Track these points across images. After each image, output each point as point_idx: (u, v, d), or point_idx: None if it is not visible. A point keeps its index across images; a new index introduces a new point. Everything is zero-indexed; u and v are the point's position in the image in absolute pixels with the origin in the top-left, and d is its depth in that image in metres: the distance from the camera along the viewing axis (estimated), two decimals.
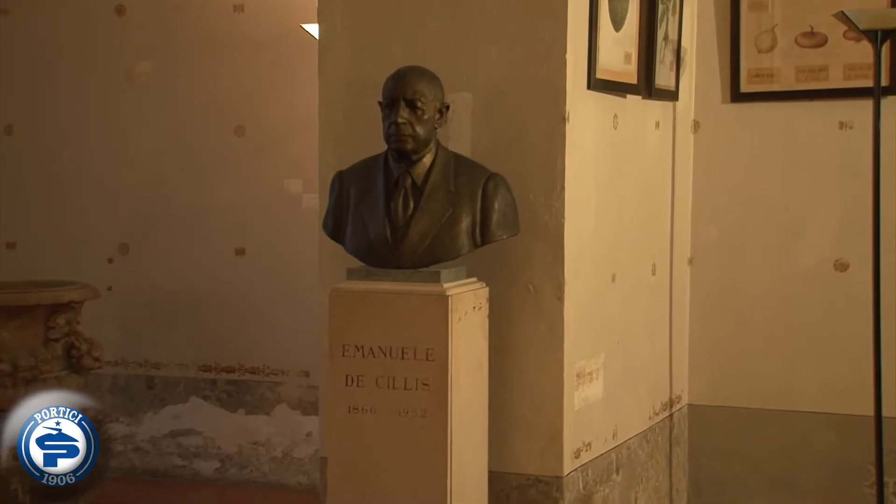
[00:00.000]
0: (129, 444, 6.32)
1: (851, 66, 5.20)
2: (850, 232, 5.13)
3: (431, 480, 3.92)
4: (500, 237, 4.08)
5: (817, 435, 5.31)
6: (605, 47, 4.48)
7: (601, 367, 4.60)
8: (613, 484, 4.73)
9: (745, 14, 5.36)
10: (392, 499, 3.98)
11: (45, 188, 6.39)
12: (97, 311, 5.89)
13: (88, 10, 6.31)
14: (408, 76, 4.00)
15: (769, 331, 5.40)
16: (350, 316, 4.01)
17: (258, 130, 6.04)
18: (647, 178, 5.08)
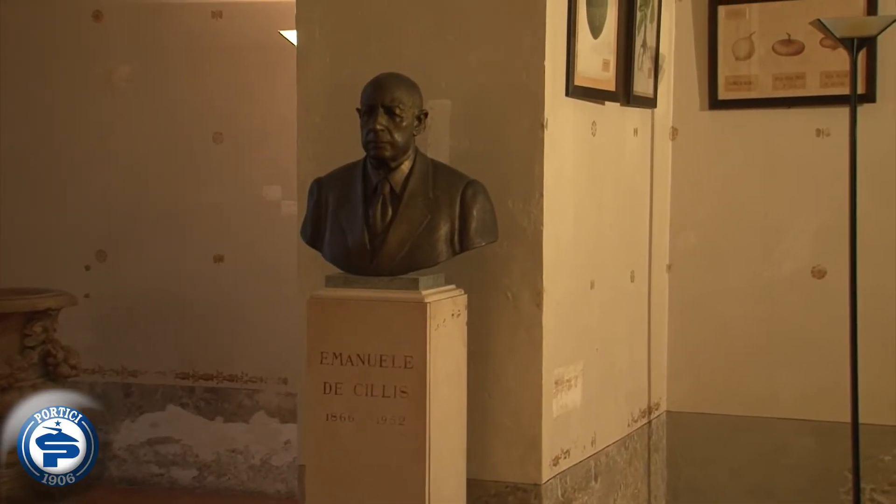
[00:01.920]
0: (107, 453, 6.27)
1: (828, 73, 5.23)
2: (828, 239, 5.14)
3: (410, 488, 3.90)
4: (478, 244, 4.06)
5: (795, 441, 5.32)
6: (583, 54, 4.48)
7: (580, 374, 4.60)
8: (592, 491, 4.73)
9: (722, 22, 5.37)
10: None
11: (20, 194, 6.36)
12: (74, 318, 5.89)
13: (66, 16, 6.28)
14: (386, 83, 3.99)
15: (747, 338, 5.41)
16: (328, 323, 3.99)
17: (237, 137, 6.02)
18: (626, 185, 5.08)
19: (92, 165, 6.25)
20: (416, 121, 4.02)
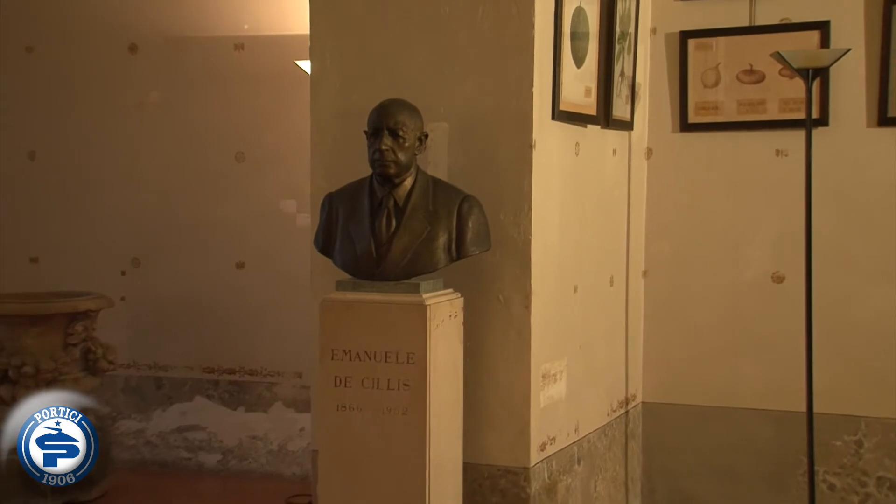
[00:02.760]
0: (140, 439, 6.29)
1: (786, 100, 5.21)
2: (786, 248, 5.12)
3: (411, 471, 3.90)
4: (473, 252, 4.06)
5: (757, 429, 5.30)
6: (567, 82, 4.47)
7: (564, 368, 4.58)
8: (575, 474, 4.71)
9: (692, 53, 5.36)
10: (376, 487, 3.95)
11: (64, 208, 6.36)
12: (111, 318, 5.88)
13: (104, 48, 6.27)
14: (390, 108, 3.99)
15: (715, 336, 5.39)
16: (338, 323, 3.99)
17: (256, 156, 6.02)
18: (606, 200, 5.07)
19: (127, 181, 6.24)
20: (417, 141, 4.02)
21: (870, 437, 5.22)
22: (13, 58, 6.39)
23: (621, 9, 4.94)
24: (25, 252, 6.41)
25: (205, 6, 6.08)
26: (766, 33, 5.22)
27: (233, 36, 6.04)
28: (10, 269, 6.32)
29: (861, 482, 5.25)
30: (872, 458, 5.22)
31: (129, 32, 6.23)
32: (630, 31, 5.10)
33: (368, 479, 3.96)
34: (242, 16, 6.02)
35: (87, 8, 6.27)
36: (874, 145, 5.17)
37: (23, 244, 6.41)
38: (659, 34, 5.42)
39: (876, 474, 5.23)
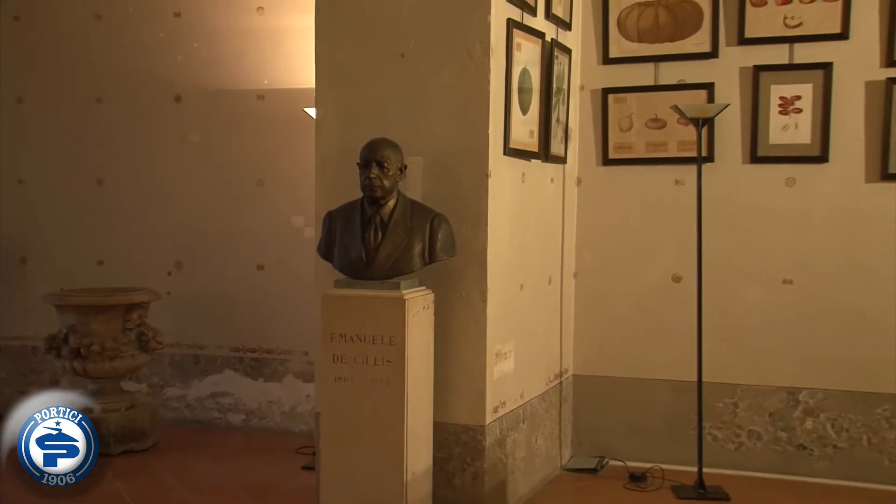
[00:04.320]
0: (182, 403, 6.24)
1: (683, 142, 5.22)
2: (683, 255, 5.12)
3: (393, 428, 3.92)
4: (442, 258, 4.08)
5: (660, 395, 5.30)
6: (515, 126, 4.47)
7: (512, 349, 4.57)
8: (520, 430, 4.70)
9: (611, 105, 5.36)
10: (366, 442, 3.95)
11: (124, 222, 6.31)
12: (159, 309, 5.84)
13: (156, 98, 6.24)
14: (377, 144, 4.01)
15: (629, 323, 5.39)
16: (336, 313, 4.00)
17: (273, 182, 5.98)
18: (545, 217, 5.06)
19: (173, 202, 6.21)
20: (398, 171, 4.04)
21: (743, 399, 5.23)
22: (85, 106, 6.35)
23: (557, 70, 4.95)
24: (94, 257, 6.35)
25: (234, 65, 6.05)
26: (667, 91, 5.24)
27: (256, 89, 6.00)
28: (82, 270, 6.27)
29: (736, 434, 5.25)
30: (745, 416, 5.23)
31: (175, 86, 6.19)
32: (564, 88, 5.10)
33: (359, 434, 3.96)
34: (263, 73, 5.99)
35: (143, 67, 6.23)
36: (748, 177, 5.19)
37: (92, 251, 6.35)
38: (586, 90, 5.42)
39: (747, 428, 5.24)
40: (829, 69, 5.04)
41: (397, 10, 4.36)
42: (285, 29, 5.89)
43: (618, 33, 5.34)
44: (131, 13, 6.27)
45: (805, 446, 5.17)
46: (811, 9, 5.05)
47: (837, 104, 5.04)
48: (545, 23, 4.83)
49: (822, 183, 5.10)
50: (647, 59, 5.30)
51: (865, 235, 5.05)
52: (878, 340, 5.03)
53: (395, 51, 4.37)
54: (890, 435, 5.05)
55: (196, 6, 6.12)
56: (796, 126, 5.10)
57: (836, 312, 5.09)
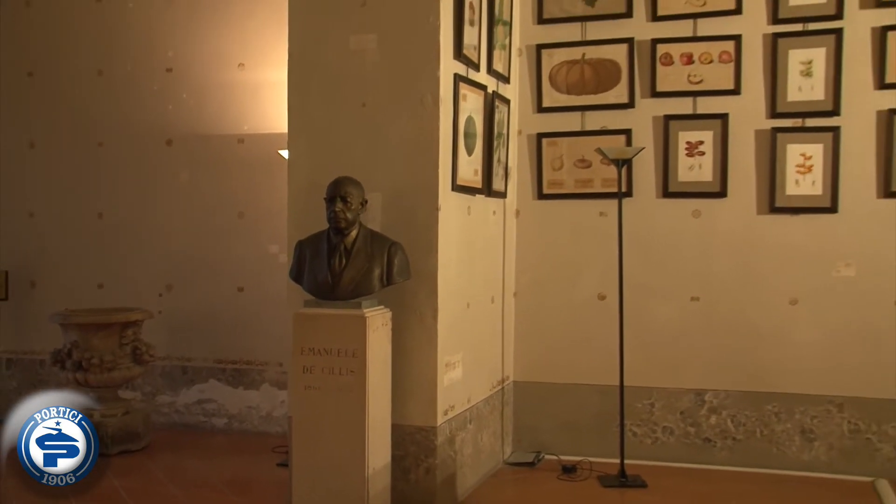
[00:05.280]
0: (172, 408, 6.08)
1: (606, 179, 5.21)
2: (606, 276, 5.10)
3: (356, 430, 3.83)
4: (398, 281, 4.00)
5: (588, 397, 5.25)
6: (462, 165, 4.43)
7: (460, 359, 4.50)
8: (468, 430, 4.62)
9: (545, 148, 5.35)
10: (332, 442, 3.85)
11: (121, 250, 6.18)
12: (152, 326, 5.72)
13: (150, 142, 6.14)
14: (341, 182, 3.93)
15: (561, 335, 5.34)
16: (306, 329, 3.90)
17: (252, 215, 5.89)
18: (488, 245, 5.00)
19: (164, 232, 6.09)
20: (360, 205, 3.96)
21: (658, 400, 5.21)
22: (88, 149, 6.23)
23: (498, 117, 4.91)
24: (95, 280, 6.20)
25: (218, 114, 5.97)
26: (592, 135, 5.23)
27: (237, 134, 5.92)
28: (84, 293, 6.13)
29: (653, 430, 5.23)
30: (660, 415, 5.21)
31: (167, 132, 6.10)
32: (504, 132, 5.06)
33: (326, 435, 3.86)
34: (243, 120, 5.92)
35: (138, 115, 6.14)
36: (661, 209, 5.19)
37: (93, 275, 6.21)
38: (523, 134, 5.39)
39: (662, 424, 5.22)
40: (725, 119, 5.07)
41: (359, 66, 4.30)
42: (263, 82, 5.83)
43: (550, 86, 5.33)
44: (129, 69, 6.18)
45: (710, 439, 5.16)
46: (710, 69, 5.09)
47: (733, 148, 5.08)
48: (487, 77, 4.80)
49: (722, 214, 5.12)
50: (574, 108, 5.29)
51: (758, 258, 5.07)
52: (770, 348, 5.05)
53: (358, 101, 4.31)
54: (778, 427, 5.06)
55: (185, 63, 6.05)
56: (700, 166, 5.13)
57: (734, 324, 5.09)
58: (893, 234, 4.90)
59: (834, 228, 4.96)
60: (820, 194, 4.97)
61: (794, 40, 4.97)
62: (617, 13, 5.21)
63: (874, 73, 4.89)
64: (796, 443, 5.04)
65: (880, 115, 4.90)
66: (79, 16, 6.28)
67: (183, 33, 6.05)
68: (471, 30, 4.48)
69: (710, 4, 5.09)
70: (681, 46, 5.12)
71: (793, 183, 5.00)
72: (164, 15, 6.08)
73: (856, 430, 4.96)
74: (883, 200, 4.91)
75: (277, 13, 4.85)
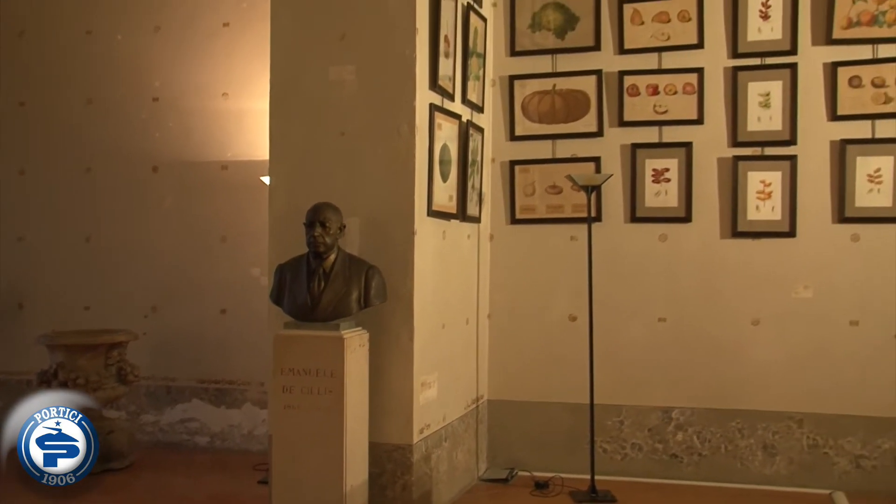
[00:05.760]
0: (156, 427, 5.99)
1: (576, 205, 5.22)
2: (577, 298, 5.10)
3: (334, 448, 3.80)
4: (375, 303, 3.99)
5: (559, 415, 5.23)
6: (437, 191, 4.43)
7: (436, 379, 4.47)
8: (443, 448, 4.58)
9: (517, 175, 5.36)
10: (311, 460, 3.82)
11: (107, 273, 6.12)
12: (137, 347, 5.63)
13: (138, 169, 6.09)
14: (320, 207, 3.92)
15: (533, 356, 5.32)
16: (286, 350, 3.87)
17: (235, 238, 5.85)
18: (463, 268, 4.99)
19: (149, 256, 6.04)
20: (338, 230, 3.95)
21: (627, 418, 5.20)
22: (77, 175, 6.18)
23: (472, 145, 4.93)
24: (82, 303, 6.13)
25: (202, 141, 5.95)
26: (563, 163, 5.25)
27: (220, 160, 5.90)
28: (71, 314, 6.04)
29: (622, 446, 5.21)
30: (629, 431, 5.20)
31: (153, 159, 6.06)
32: (478, 160, 5.07)
33: (305, 453, 3.82)
34: (227, 147, 5.90)
35: (126, 142, 6.10)
36: (629, 234, 5.21)
37: (80, 297, 6.14)
38: (497, 162, 5.40)
39: (631, 441, 5.20)
40: (689, 147, 5.12)
41: (338, 96, 4.30)
42: (246, 111, 5.82)
43: (522, 115, 5.35)
44: (117, 98, 6.15)
45: (677, 455, 5.15)
46: (674, 100, 5.14)
47: (697, 175, 5.11)
48: (462, 107, 4.81)
49: (687, 238, 5.14)
50: (546, 136, 5.31)
51: (721, 281, 5.10)
52: (733, 366, 5.06)
53: (337, 130, 4.30)
54: (742, 443, 5.06)
55: (171, 92, 6.03)
56: (666, 192, 5.15)
57: (700, 344, 5.11)
58: (847, 258, 4.94)
59: (792, 252, 5.00)
60: (779, 219, 5.01)
61: (752, 73, 5.03)
62: (586, 46, 5.25)
63: (827, 105, 4.95)
64: (759, 457, 5.04)
65: (833, 144, 4.95)
66: (69, 47, 6.25)
67: (169, 64, 6.03)
68: (446, 62, 4.50)
69: (674, 39, 5.13)
70: (647, 78, 5.16)
71: (753, 208, 5.03)
72: (152, 46, 6.06)
73: (814, 444, 4.98)
74: (837, 225, 4.95)
75: (260, 45, 4.85)
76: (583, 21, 5.25)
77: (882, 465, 4.89)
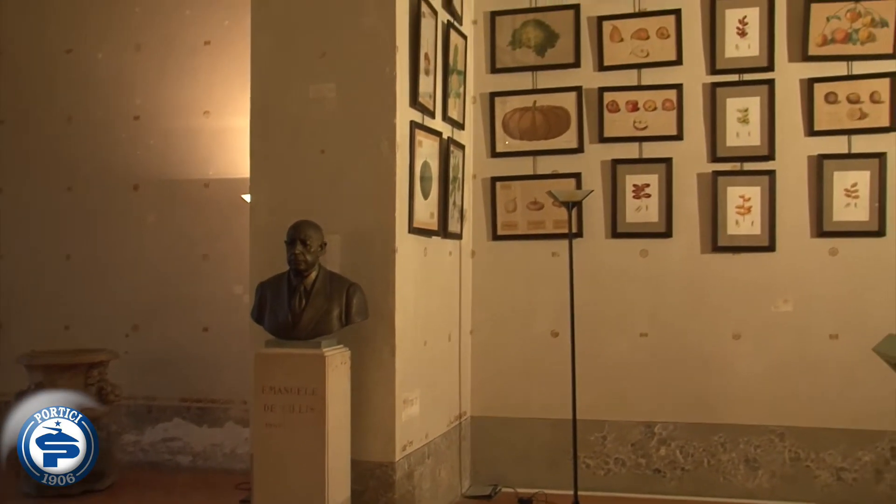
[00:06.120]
0: (137, 447, 5.94)
1: (557, 221, 5.26)
2: (559, 314, 5.11)
3: (316, 466, 3.79)
4: (357, 320, 3.98)
5: (541, 431, 5.24)
6: (418, 208, 4.45)
7: (418, 396, 4.48)
8: (426, 465, 4.58)
9: (499, 191, 5.39)
10: (293, 478, 3.80)
11: (87, 292, 6.09)
12: (118, 366, 5.60)
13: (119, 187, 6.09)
14: (301, 225, 3.92)
15: (516, 372, 5.33)
16: (267, 369, 3.86)
17: (217, 256, 5.84)
18: (445, 284, 5.01)
19: (131, 274, 6.02)
20: (319, 247, 3.95)
21: (610, 433, 5.21)
22: (57, 194, 6.17)
23: (453, 162, 4.96)
24: (62, 322, 6.09)
25: (184, 159, 5.95)
26: (544, 179, 5.28)
27: (202, 178, 5.90)
28: (51, 334, 6.00)
29: (605, 461, 5.22)
30: (612, 447, 5.21)
31: (134, 177, 6.05)
32: (459, 176, 5.10)
33: (287, 472, 3.80)
34: (209, 165, 5.91)
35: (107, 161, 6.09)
36: (610, 249, 5.24)
37: (60, 317, 6.10)
38: (478, 178, 5.44)
39: (614, 456, 5.22)
40: (669, 163, 5.16)
41: (319, 114, 4.32)
42: (227, 129, 5.82)
43: (503, 132, 5.39)
44: (98, 116, 6.15)
45: (660, 470, 5.17)
46: (653, 116, 5.19)
47: (677, 190, 5.16)
48: (442, 124, 4.85)
49: (668, 253, 5.18)
50: (527, 153, 5.35)
51: (702, 295, 5.14)
52: (715, 380, 5.09)
53: (317, 147, 4.32)
54: (724, 457, 5.09)
55: (152, 111, 6.03)
56: (647, 208, 5.20)
57: (682, 358, 5.14)
58: (826, 272, 4.99)
59: (772, 266, 5.05)
60: (759, 234, 5.05)
61: (730, 90, 5.09)
62: (566, 63, 5.30)
63: (804, 120, 5.02)
64: (741, 471, 5.06)
65: (811, 159, 5.02)
66: (50, 65, 6.25)
67: (150, 82, 6.04)
68: (426, 79, 4.53)
69: (653, 55, 5.19)
70: (626, 95, 5.21)
71: (733, 223, 5.08)
72: (133, 65, 6.07)
73: (796, 458, 5.01)
74: (816, 239, 5.00)
75: (242, 63, 4.86)
76: (562, 38, 5.30)
77: (862, 477, 4.92)
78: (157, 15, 6.05)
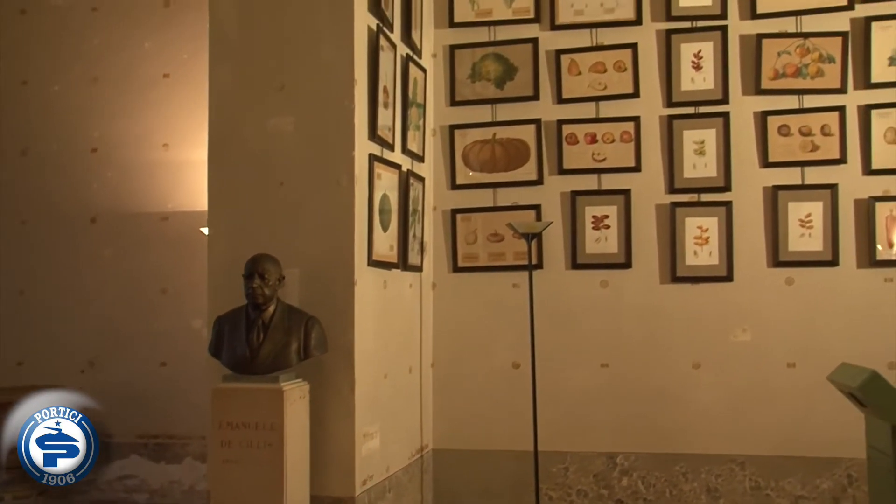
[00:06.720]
0: (92, 486, 5.84)
1: (517, 252, 5.30)
2: (520, 346, 5.13)
3: (274, 502, 3.73)
4: (315, 354, 3.97)
5: (504, 463, 5.25)
6: (378, 241, 4.46)
7: (378, 429, 4.46)
8: (387, 500, 4.55)
9: (459, 223, 5.43)
10: None
11: (41, 328, 6.02)
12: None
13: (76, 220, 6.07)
14: (259, 259, 3.92)
15: (477, 404, 5.34)
16: (224, 404, 3.82)
17: (175, 290, 5.82)
18: (405, 317, 5.02)
19: (87, 308, 5.97)
20: (277, 281, 3.95)
21: (572, 464, 5.23)
22: (11, 228, 6.13)
23: (413, 195, 4.99)
24: (14, 358, 6.02)
25: (142, 192, 5.94)
26: (503, 211, 5.34)
27: (161, 211, 5.89)
28: (2, 371, 5.94)
29: (568, 493, 5.24)
30: (574, 478, 5.23)
31: (91, 210, 6.03)
32: (419, 209, 5.14)
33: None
34: (167, 198, 5.90)
35: (63, 193, 6.07)
36: (570, 280, 5.30)
37: (13, 352, 6.03)
38: (438, 210, 5.48)
39: (576, 488, 5.23)
40: (628, 194, 5.25)
41: (277, 146, 4.33)
42: (186, 162, 5.82)
43: (463, 164, 5.45)
44: (55, 149, 6.12)
45: (622, 501, 5.19)
46: (612, 148, 5.28)
47: (636, 221, 5.24)
48: (402, 156, 4.88)
49: (627, 284, 5.25)
50: (486, 185, 5.40)
51: (662, 325, 5.20)
52: (676, 410, 5.15)
53: (276, 180, 4.33)
54: (686, 487, 5.12)
55: (110, 143, 6.03)
56: (606, 239, 5.27)
57: (642, 389, 5.19)
58: (783, 301, 5.09)
59: (730, 296, 5.13)
60: (717, 264, 5.14)
61: (687, 122, 5.21)
62: (525, 96, 5.38)
63: (758, 152, 5.15)
64: (703, 501, 5.10)
65: (766, 190, 5.13)
66: (3, 97, 6.21)
67: (108, 115, 6.03)
68: (385, 112, 4.57)
69: (611, 88, 5.30)
70: (585, 127, 5.30)
71: (691, 254, 5.17)
72: (90, 97, 6.06)
73: (756, 486, 5.06)
74: (773, 269, 5.11)
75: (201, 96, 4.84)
76: (521, 71, 5.39)
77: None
78: (115, 47, 6.06)
